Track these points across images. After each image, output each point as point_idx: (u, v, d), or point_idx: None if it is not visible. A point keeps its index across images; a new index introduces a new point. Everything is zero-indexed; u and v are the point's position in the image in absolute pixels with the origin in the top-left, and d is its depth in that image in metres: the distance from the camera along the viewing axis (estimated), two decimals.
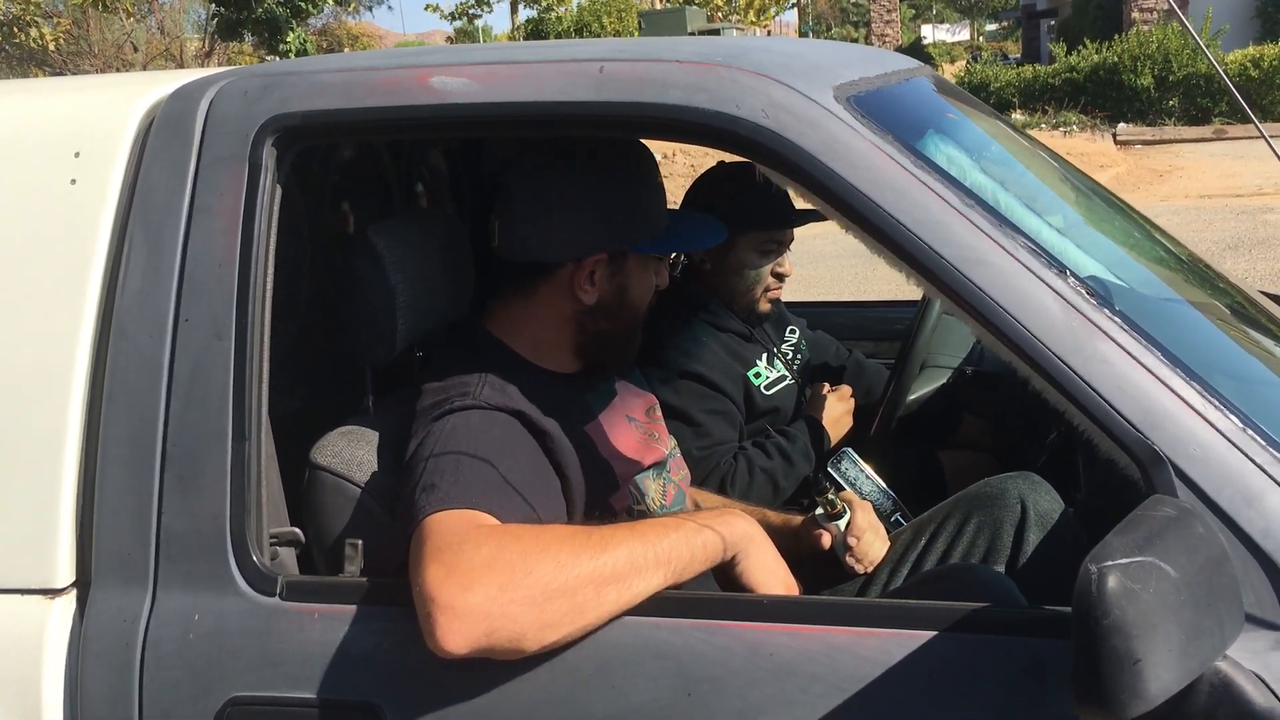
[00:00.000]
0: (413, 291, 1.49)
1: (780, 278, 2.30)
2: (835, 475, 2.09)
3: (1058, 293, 1.14)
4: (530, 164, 1.53)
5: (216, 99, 1.37)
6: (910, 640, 1.15)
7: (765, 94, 1.23)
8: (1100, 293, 1.16)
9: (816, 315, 2.73)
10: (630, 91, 1.27)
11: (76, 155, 1.36)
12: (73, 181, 1.35)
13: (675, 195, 1.83)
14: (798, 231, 2.31)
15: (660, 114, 1.26)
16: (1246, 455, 1.09)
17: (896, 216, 1.18)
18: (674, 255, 2.30)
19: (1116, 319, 1.14)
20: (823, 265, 7.75)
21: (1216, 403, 1.11)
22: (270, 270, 1.33)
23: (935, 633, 1.15)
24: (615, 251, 1.53)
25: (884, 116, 1.26)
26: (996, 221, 1.18)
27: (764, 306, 2.31)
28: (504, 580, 1.12)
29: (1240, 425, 1.10)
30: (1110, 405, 1.10)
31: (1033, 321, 1.13)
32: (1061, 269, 1.16)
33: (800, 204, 1.76)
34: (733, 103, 1.23)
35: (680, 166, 13.06)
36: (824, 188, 1.20)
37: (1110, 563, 0.94)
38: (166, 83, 1.44)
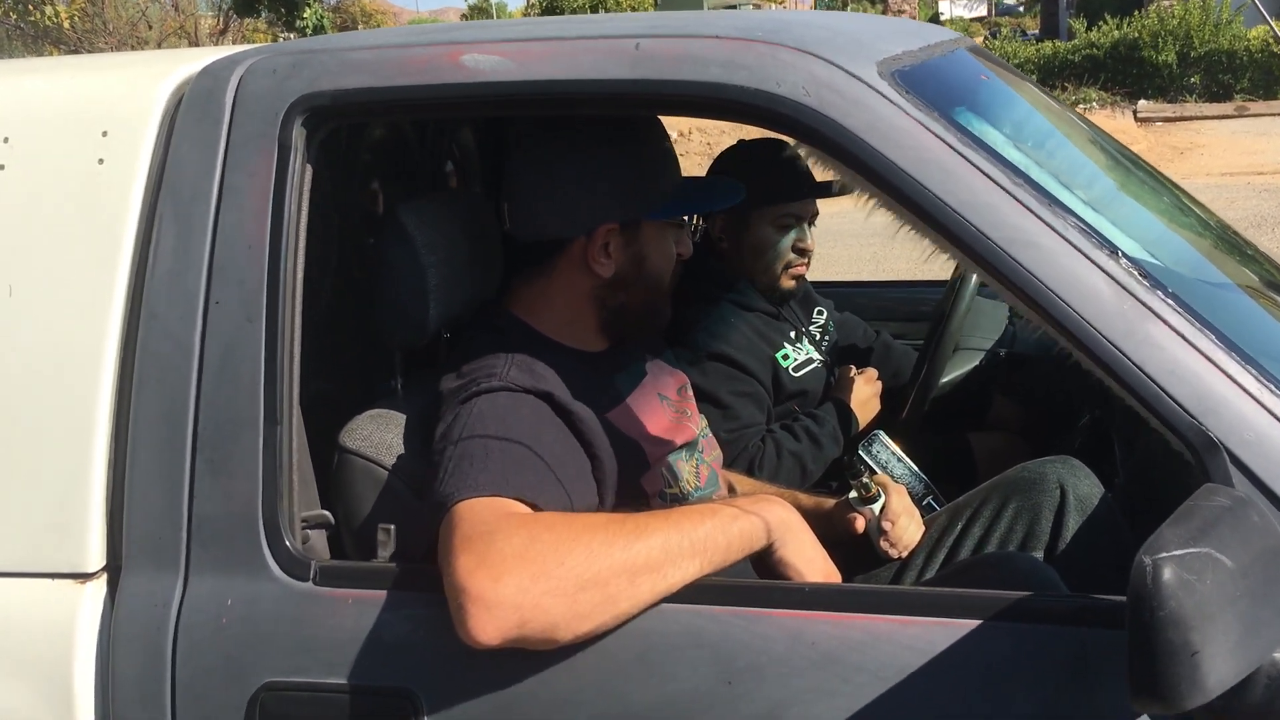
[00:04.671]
0: (444, 273, 1.47)
1: (802, 253, 2.27)
2: (867, 458, 2.07)
3: (1109, 274, 1.11)
4: (531, 141, 1.51)
5: (246, 77, 1.34)
6: (954, 629, 1.13)
7: (807, 71, 1.20)
8: (1152, 274, 1.13)
9: (842, 295, 2.71)
10: (667, 69, 1.24)
11: (104, 134, 1.34)
12: (100, 161, 1.33)
13: (693, 173, 1.80)
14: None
15: (699, 92, 1.23)
16: None
17: (943, 197, 1.15)
18: (692, 225, 2.27)
19: (1170, 301, 1.11)
20: (841, 244, 7.70)
21: (1273, 387, 1.08)
22: (301, 252, 1.31)
23: (979, 621, 1.13)
24: (627, 220, 1.50)
25: (929, 92, 1.23)
26: (1045, 201, 1.15)
27: (787, 284, 2.27)
28: (536, 571, 1.11)
29: None
30: (1163, 390, 1.08)
31: (1083, 305, 1.10)
32: (1113, 250, 1.13)
33: (821, 176, 1.73)
34: (773, 80, 1.20)
35: (696, 144, 12.98)
36: (868, 167, 1.17)
37: (1165, 554, 0.92)
38: (194, 60, 1.41)
